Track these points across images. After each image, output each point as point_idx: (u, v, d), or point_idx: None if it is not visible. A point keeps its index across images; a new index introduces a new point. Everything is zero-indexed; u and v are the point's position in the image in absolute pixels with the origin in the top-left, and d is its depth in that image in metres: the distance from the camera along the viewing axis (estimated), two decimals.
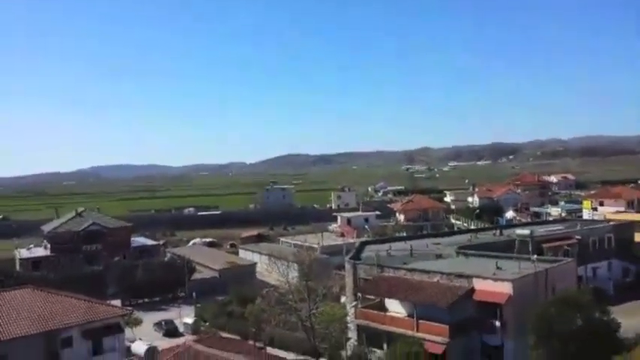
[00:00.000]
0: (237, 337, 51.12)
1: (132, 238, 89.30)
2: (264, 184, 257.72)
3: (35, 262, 78.71)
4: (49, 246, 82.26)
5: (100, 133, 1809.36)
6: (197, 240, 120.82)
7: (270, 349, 42.69)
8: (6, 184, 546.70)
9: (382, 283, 46.89)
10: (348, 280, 53.08)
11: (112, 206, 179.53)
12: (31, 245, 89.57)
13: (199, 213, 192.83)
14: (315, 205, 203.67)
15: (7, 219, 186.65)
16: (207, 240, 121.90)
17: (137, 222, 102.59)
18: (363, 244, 64.13)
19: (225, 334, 51.45)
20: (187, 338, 54.68)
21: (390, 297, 45.75)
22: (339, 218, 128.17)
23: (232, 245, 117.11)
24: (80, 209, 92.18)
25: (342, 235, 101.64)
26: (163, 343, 51.00)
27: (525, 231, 61.89)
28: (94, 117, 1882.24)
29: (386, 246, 61.67)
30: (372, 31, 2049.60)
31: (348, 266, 53.55)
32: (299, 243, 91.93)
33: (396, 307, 45.84)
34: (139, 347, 23.55)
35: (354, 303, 47.32)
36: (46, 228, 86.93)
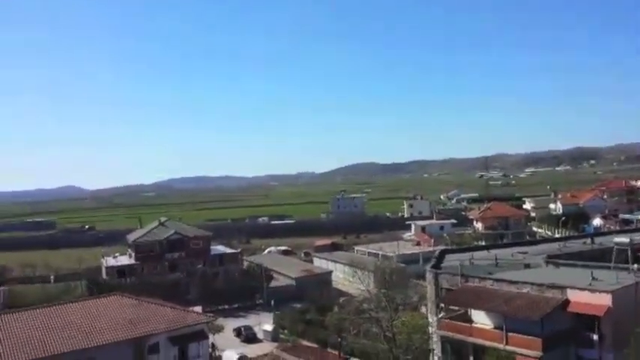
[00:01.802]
0: (316, 346, 50.66)
1: (211, 247, 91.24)
2: (334, 193, 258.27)
3: (121, 270, 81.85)
4: (133, 254, 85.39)
5: (177, 146, 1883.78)
6: (272, 248, 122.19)
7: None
8: (89, 196, 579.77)
9: (468, 293, 44.93)
10: (430, 290, 51.30)
11: (189, 216, 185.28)
12: (117, 254, 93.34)
13: (272, 222, 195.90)
14: (387, 214, 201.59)
15: (92, 228, 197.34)
16: (282, 248, 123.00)
17: (214, 231, 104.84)
18: (443, 253, 61.96)
19: (304, 342, 51.10)
20: (265, 345, 55.21)
21: (476, 308, 43.68)
22: (412, 226, 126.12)
23: (306, 254, 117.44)
24: (163, 219, 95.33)
25: (418, 243, 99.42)
26: (244, 349, 51.54)
27: (624, 239, 57.62)
28: (171, 131, 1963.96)
29: (467, 255, 59.24)
30: (445, 33, 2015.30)
31: (429, 275, 51.80)
32: (374, 251, 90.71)
33: (482, 319, 43.73)
34: (231, 356, 23.34)
35: (441, 315, 45.57)
36: (131, 237, 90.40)
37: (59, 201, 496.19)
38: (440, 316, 45.26)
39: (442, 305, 47.31)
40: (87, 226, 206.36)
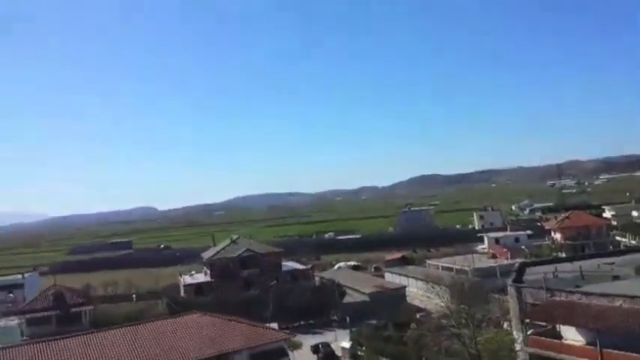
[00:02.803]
0: None
1: (282, 263, 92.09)
2: (398, 206, 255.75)
3: (198, 288, 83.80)
4: (209, 272, 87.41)
5: (244, 166, 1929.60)
6: (342, 264, 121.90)
7: None
8: (162, 217, 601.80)
9: (556, 308, 42.75)
10: (513, 305, 49.31)
11: (259, 233, 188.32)
12: (193, 272, 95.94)
13: (339, 237, 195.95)
14: (457, 226, 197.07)
15: (168, 247, 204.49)
16: (352, 263, 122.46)
17: (283, 247, 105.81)
18: (523, 266, 59.48)
19: None
20: None
21: (566, 323, 41.46)
22: (485, 239, 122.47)
23: (377, 268, 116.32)
24: (234, 237, 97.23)
25: (494, 256, 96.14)
26: None
27: None
28: (238, 151, 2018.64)
29: (549, 267, 56.68)
30: (511, 43, 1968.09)
31: (511, 290, 49.83)
32: (448, 265, 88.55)
33: (572, 335, 41.43)
34: None
35: (530, 331, 43.59)
36: (205, 255, 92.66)
37: (135, 222, 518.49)
38: (529, 332, 43.26)
39: (527, 321, 45.37)
40: (162, 245, 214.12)
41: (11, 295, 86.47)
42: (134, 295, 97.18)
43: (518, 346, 44.56)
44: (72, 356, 36.11)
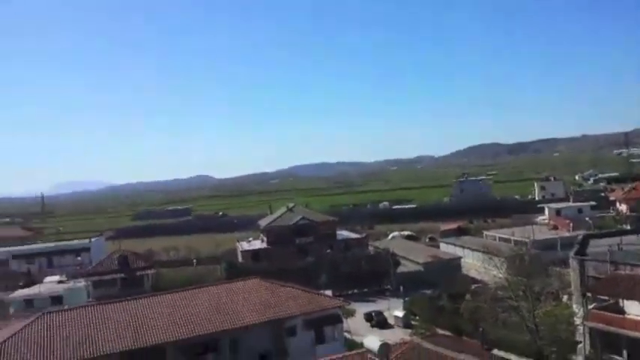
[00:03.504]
0: (451, 334, 49.35)
1: (337, 232, 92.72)
2: (455, 176, 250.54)
3: (254, 254, 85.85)
4: (265, 239, 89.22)
5: (298, 134, 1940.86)
6: (396, 233, 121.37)
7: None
8: (220, 185, 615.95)
9: (620, 282, 41.20)
10: (574, 278, 47.87)
11: (313, 202, 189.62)
12: (250, 238, 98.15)
13: (394, 207, 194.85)
14: (516, 197, 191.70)
15: (225, 215, 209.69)
16: (406, 233, 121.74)
17: (337, 216, 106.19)
18: (586, 238, 57.40)
19: (437, 330, 50.03)
20: (397, 331, 54.87)
21: (630, 298, 39.93)
22: (546, 210, 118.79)
23: (432, 239, 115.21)
24: (290, 205, 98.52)
25: (555, 228, 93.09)
26: (374, 334, 51.65)
27: None
28: (292, 119, 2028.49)
29: (613, 240, 54.36)
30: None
31: (573, 263, 48.33)
32: (506, 237, 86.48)
33: (636, 310, 39.87)
34: (373, 342, 23.27)
35: (593, 305, 42.26)
36: (262, 223, 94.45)
37: (192, 189, 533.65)
38: (590, 306, 41.93)
39: (589, 294, 43.97)
40: (220, 213, 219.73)
41: (79, 258, 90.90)
42: (194, 260, 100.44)
43: (577, 320, 43.35)
44: (136, 317, 37.85)
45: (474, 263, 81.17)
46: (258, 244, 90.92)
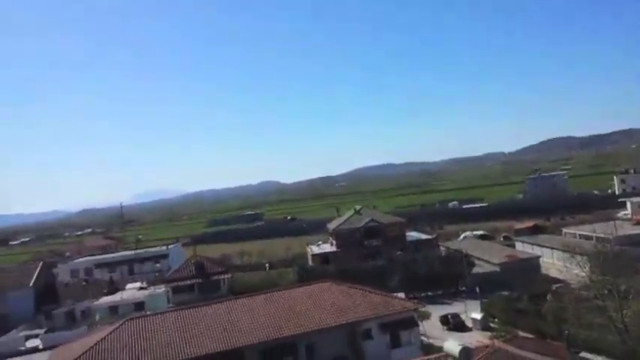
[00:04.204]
0: (533, 337, 47.46)
1: (406, 233, 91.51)
2: (526, 172, 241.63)
3: (324, 257, 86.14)
4: (334, 242, 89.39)
5: (362, 137, 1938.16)
6: (468, 233, 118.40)
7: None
8: (286, 189, 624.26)
9: None
10: None
11: (380, 203, 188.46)
12: (320, 242, 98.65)
13: (464, 206, 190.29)
14: (595, 192, 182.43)
15: (295, 219, 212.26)
16: (479, 233, 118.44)
17: (405, 217, 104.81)
18: None
19: (518, 333, 48.21)
20: (475, 334, 53.28)
21: None
22: (628, 204, 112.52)
23: (506, 237, 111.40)
24: (358, 207, 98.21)
25: (639, 223, 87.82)
26: (452, 338, 50.38)
27: None
28: (357, 122, 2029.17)
29: None
30: None
31: None
32: (586, 234, 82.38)
33: None
34: (453, 346, 22.70)
35: None
36: (331, 226, 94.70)
37: (261, 195, 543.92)
38: None
39: None
40: (289, 217, 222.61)
41: (158, 265, 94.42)
42: (267, 264, 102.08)
43: None
44: (217, 321, 38.90)
45: (553, 262, 77.78)
46: (327, 248, 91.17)
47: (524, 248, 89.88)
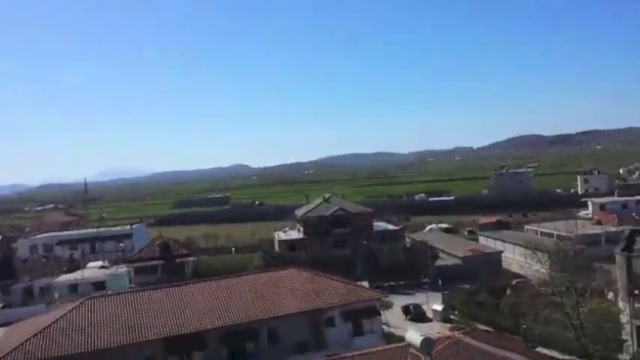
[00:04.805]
0: (489, 329, 48.49)
1: (373, 223, 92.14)
2: (493, 168, 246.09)
3: (291, 244, 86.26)
4: (302, 229, 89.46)
5: (332, 123, 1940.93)
6: (433, 226, 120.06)
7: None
8: (256, 174, 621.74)
9: None
10: (620, 275, 46.39)
11: (349, 192, 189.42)
12: (287, 228, 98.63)
13: (431, 199, 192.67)
14: (558, 190, 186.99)
15: (262, 204, 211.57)
16: (444, 226, 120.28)
17: (373, 207, 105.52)
18: (633, 234, 55.44)
19: (477, 325, 49.20)
20: (435, 325, 54.19)
21: None
22: (590, 204, 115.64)
23: (470, 232, 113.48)
24: (327, 195, 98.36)
25: (598, 222, 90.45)
26: (412, 328, 51.03)
27: None
28: (325, 112, 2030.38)
29: None
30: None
31: (619, 259, 46.82)
32: (548, 231, 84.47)
33: None
34: (415, 336, 22.89)
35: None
36: (299, 212, 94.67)
37: (231, 179, 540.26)
38: (638, 305, 40.59)
39: (636, 292, 42.54)
40: (257, 202, 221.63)
41: (121, 244, 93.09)
42: (233, 248, 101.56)
43: (624, 318, 42.06)
44: (178, 304, 38.44)
45: (515, 258, 79.62)
46: (294, 235, 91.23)
47: (487, 243, 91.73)
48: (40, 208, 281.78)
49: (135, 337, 34.58)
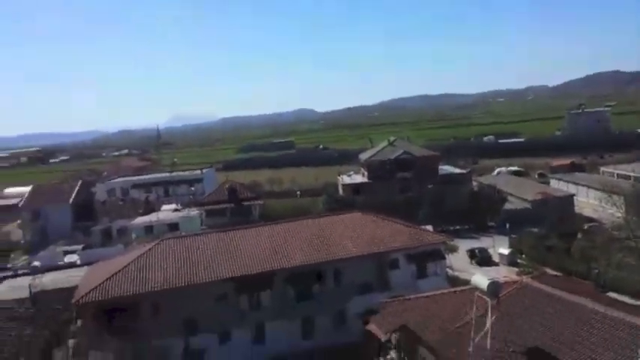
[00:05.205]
0: (558, 274, 47.51)
1: (439, 166, 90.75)
2: (569, 107, 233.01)
3: (355, 188, 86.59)
4: (366, 173, 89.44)
5: (398, 65, 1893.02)
6: (502, 169, 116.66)
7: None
8: (320, 119, 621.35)
9: None
10: None
11: (414, 135, 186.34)
12: (351, 172, 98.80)
13: (500, 141, 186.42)
14: (638, 130, 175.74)
15: (327, 148, 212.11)
16: (513, 169, 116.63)
17: (439, 151, 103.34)
18: None
19: (545, 270, 48.28)
20: (502, 269, 53.61)
21: None
22: None
23: (541, 175, 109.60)
24: (392, 139, 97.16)
25: None
26: (478, 271, 50.70)
27: None
28: (393, 50, 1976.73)
29: None
30: None
31: None
32: (625, 173, 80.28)
33: None
34: (481, 280, 22.81)
35: None
36: (363, 156, 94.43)
37: (295, 123, 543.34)
38: None
39: None
40: (321, 146, 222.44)
41: (192, 188, 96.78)
42: (298, 192, 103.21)
43: None
44: (247, 245, 40.03)
45: (588, 201, 76.63)
46: (359, 178, 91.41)
47: (559, 186, 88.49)
48: (116, 154, 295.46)
49: (209, 276, 36.48)
